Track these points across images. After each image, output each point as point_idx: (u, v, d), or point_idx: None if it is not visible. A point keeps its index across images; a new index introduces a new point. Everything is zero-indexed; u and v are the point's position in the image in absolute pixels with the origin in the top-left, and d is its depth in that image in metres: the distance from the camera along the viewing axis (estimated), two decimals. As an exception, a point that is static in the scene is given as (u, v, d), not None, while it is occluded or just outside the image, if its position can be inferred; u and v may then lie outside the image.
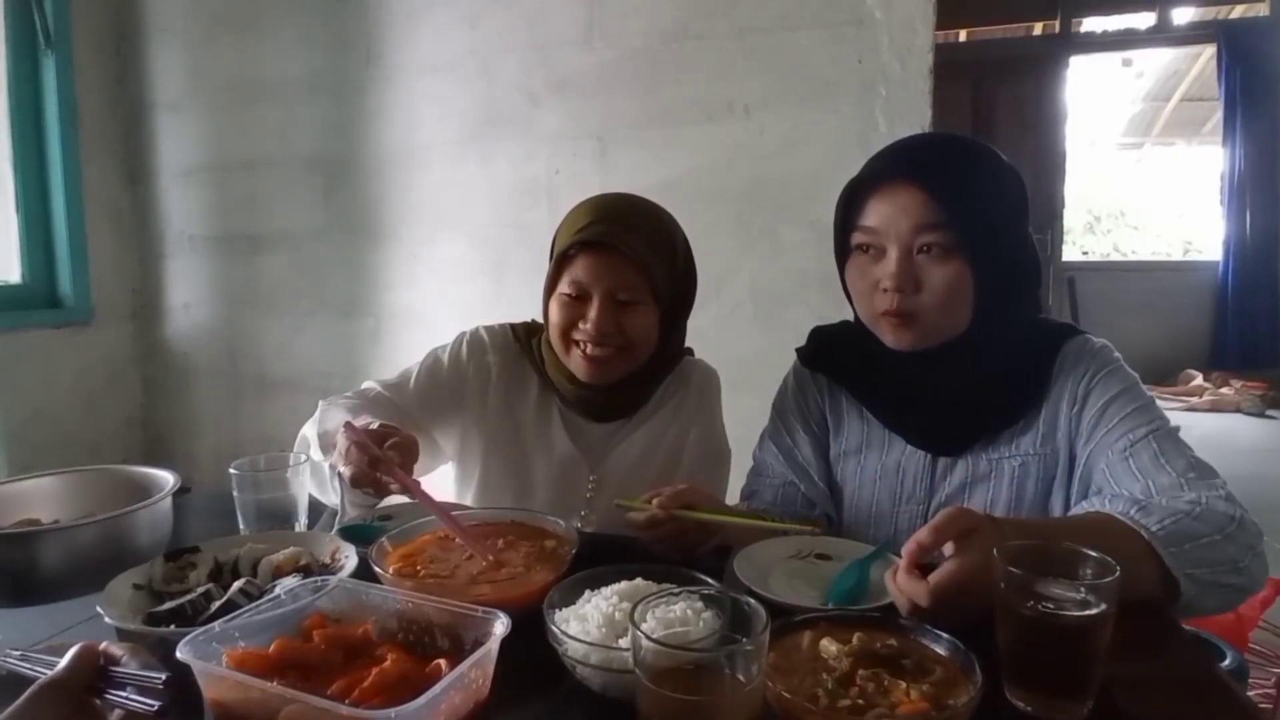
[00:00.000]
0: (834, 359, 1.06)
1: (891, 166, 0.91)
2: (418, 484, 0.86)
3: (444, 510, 0.86)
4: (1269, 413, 4.73)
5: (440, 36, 2.16)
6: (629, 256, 1.03)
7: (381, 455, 0.84)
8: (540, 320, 1.18)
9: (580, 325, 1.06)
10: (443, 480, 1.26)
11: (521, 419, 1.17)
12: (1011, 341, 0.93)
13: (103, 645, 0.54)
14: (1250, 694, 1.57)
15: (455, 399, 1.17)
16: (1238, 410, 4.75)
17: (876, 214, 0.91)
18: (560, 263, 1.08)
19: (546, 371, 1.16)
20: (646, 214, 1.11)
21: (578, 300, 1.06)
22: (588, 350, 1.06)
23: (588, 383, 1.10)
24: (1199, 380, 5.10)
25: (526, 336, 1.21)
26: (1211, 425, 4.40)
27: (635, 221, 1.07)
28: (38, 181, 2.32)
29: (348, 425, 0.87)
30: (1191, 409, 4.76)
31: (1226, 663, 1.41)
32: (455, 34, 2.14)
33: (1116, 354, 0.93)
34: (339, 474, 0.88)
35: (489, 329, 1.22)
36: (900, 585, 0.69)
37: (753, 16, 1.91)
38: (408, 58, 2.20)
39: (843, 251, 0.97)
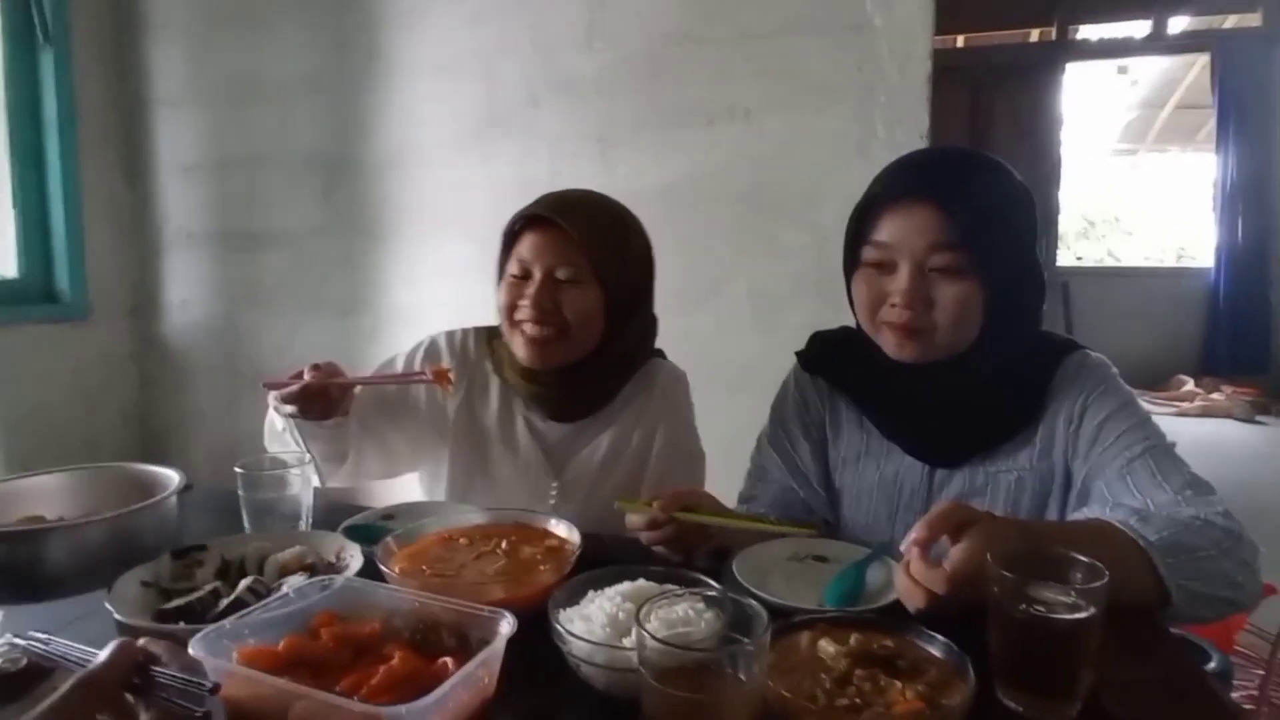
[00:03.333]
0: (834, 364, 1.06)
1: (907, 182, 0.91)
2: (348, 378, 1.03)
3: (379, 377, 1.12)
4: (1259, 418, 4.77)
5: (441, 36, 2.17)
6: (569, 234, 1.04)
7: (308, 381, 0.99)
8: None
9: (520, 304, 1.06)
10: (410, 484, 1.27)
11: (484, 422, 1.17)
12: (1013, 357, 0.93)
13: (142, 642, 0.54)
14: (1234, 695, 1.59)
15: (409, 405, 1.18)
16: (1228, 416, 4.79)
17: (890, 229, 0.90)
18: (508, 244, 1.10)
19: (505, 370, 1.16)
20: (596, 203, 1.12)
21: (522, 280, 1.07)
22: (527, 330, 1.06)
23: (531, 368, 1.10)
24: (1190, 386, 5.14)
25: (489, 338, 1.20)
26: (1202, 431, 4.44)
27: (580, 205, 1.09)
28: (35, 176, 2.32)
29: (266, 386, 1.02)
30: (1182, 414, 4.80)
31: (1212, 665, 1.43)
32: (456, 34, 2.15)
33: (1114, 370, 0.94)
34: (289, 420, 1.03)
35: (449, 334, 1.23)
36: (917, 574, 0.70)
37: (753, 21, 1.92)
38: (409, 57, 2.21)
39: (851, 263, 0.97)
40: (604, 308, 1.08)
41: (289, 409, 1.00)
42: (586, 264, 1.06)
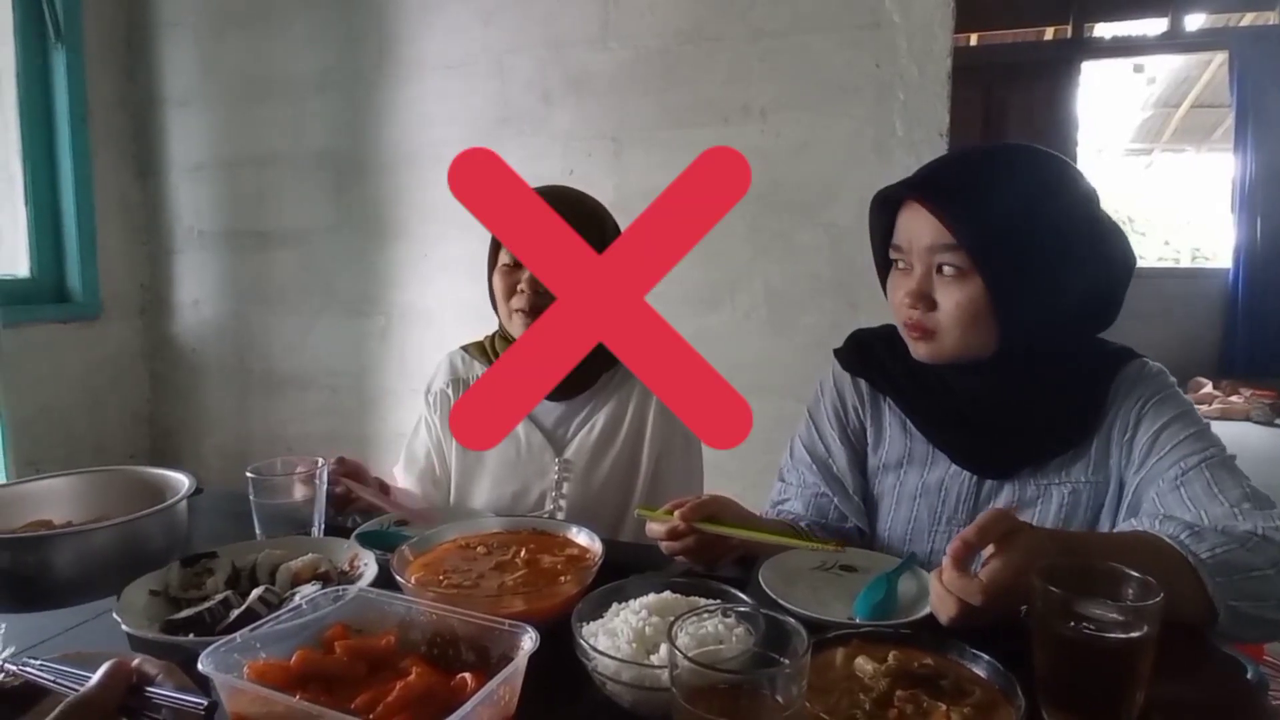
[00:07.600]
0: (877, 365, 1.01)
1: (908, 185, 0.91)
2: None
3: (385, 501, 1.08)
4: (1278, 421, 4.69)
5: (453, 33, 2.15)
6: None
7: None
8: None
9: (519, 289, 1.14)
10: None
11: None
12: (1065, 363, 0.90)
13: (135, 662, 0.52)
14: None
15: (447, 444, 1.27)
16: (1247, 418, 4.69)
17: (900, 231, 0.91)
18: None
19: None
20: (577, 195, 1.21)
21: (516, 267, 1.16)
22: (525, 315, 1.13)
23: None
24: (1208, 388, 5.05)
25: (480, 346, 1.28)
26: (1220, 433, 4.35)
27: (564, 196, 1.17)
28: (47, 175, 2.31)
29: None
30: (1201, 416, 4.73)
31: (1248, 676, 1.39)
32: (469, 31, 2.13)
33: (1171, 379, 0.91)
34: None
35: (441, 366, 1.31)
36: (949, 584, 0.67)
37: (769, 19, 1.89)
38: (420, 54, 2.19)
39: (883, 262, 0.96)
40: None
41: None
42: None
